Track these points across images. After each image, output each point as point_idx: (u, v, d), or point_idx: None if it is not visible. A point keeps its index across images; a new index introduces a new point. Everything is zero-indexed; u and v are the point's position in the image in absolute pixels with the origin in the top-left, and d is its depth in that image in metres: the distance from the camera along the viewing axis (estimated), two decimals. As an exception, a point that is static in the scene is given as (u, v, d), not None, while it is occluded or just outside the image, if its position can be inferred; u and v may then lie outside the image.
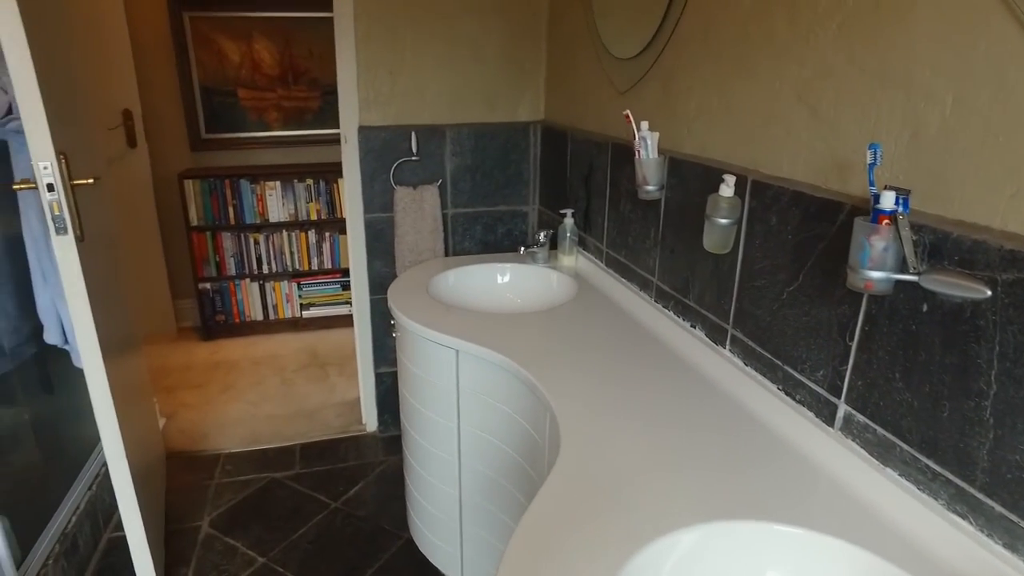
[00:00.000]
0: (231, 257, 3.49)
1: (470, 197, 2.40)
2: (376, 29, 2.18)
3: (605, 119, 1.84)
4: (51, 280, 1.73)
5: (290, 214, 3.49)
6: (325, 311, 3.68)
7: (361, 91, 2.22)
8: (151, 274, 3.49)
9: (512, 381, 1.38)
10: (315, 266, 3.61)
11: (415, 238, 2.30)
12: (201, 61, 3.45)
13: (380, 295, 2.44)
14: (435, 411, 1.61)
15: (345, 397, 2.94)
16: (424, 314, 1.59)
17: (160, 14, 3.35)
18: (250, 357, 3.37)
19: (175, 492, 2.33)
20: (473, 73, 2.30)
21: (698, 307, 1.39)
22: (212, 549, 2.06)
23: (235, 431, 2.69)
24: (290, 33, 3.50)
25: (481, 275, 2.00)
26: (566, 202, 2.13)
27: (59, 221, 1.35)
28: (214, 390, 3.03)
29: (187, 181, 3.34)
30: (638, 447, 1.05)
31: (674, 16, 1.42)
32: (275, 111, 3.59)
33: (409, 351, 1.64)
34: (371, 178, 2.29)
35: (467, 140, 2.34)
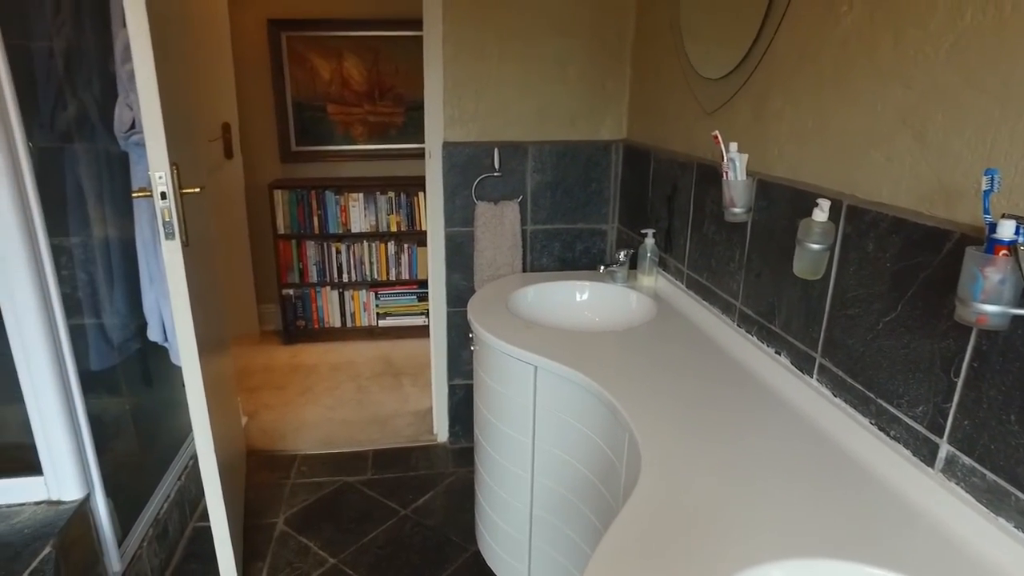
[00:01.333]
0: (314, 265, 3.63)
1: (550, 214, 2.41)
2: (463, 49, 2.24)
3: (691, 139, 1.82)
4: (156, 281, 1.84)
5: (371, 225, 3.60)
6: (400, 321, 3.77)
7: (447, 108, 2.28)
8: (239, 278, 3.66)
9: (590, 400, 1.37)
10: (393, 277, 3.70)
11: (494, 253, 2.33)
12: (295, 78, 3.62)
13: (457, 308, 2.48)
14: (510, 426, 1.62)
15: (417, 407, 2.99)
16: (504, 329, 1.61)
17: (260, 34, 3.54)
18: (328, 362, 3.48)
19: (254, 488, 2.42)
20: (557, 92, 2.32)
21: (784, 333, 1.35)
22: (286, 546, 2.12)
23: (311, 433, 2.78)
24: (378, 51, 3.63)
25: (560, 292, 2.00)
26: (647, 222, 2.11)
27: (168, 227, 1.44)
28: (293, 392, 3.14)
29: (277, 191, 3.50)
30: (721, 475, 1.02)
31: (767, 37, 1.40)
32: (361, 126, 3.72)
33: (487, 365, 1.66)
34: (453, 193, 2.34)
35: (549, 157, 2.36)
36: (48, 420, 1.49)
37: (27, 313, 1.41)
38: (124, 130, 1.70)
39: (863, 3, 1.10)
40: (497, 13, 2.21)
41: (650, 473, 1.03)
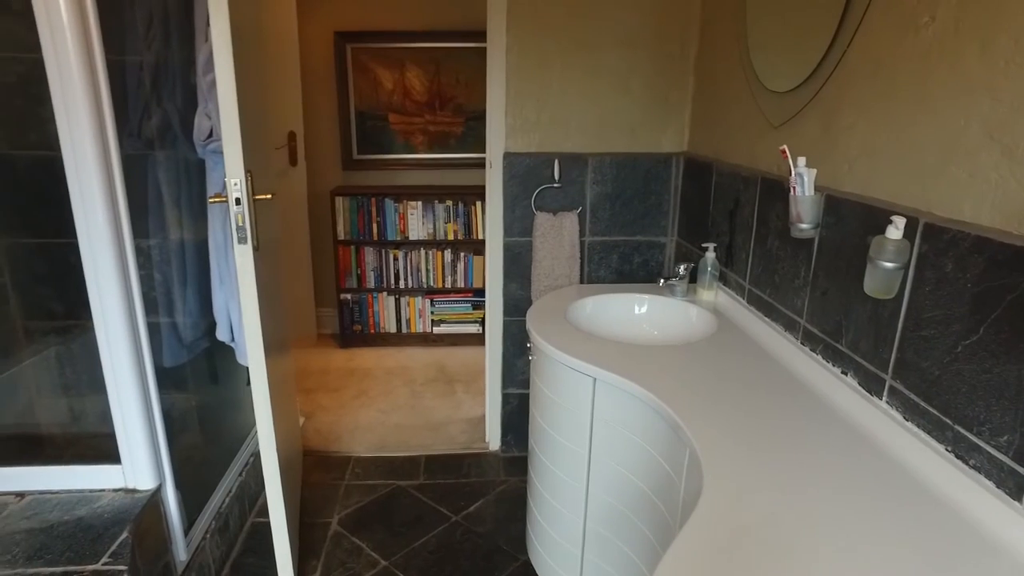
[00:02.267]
0: (372, 271, 3.71)
1: (608, 226, 2.40)
2: (526, 60, 2.26)
3: (754, 153, 1.79)
4: (226, 283, 1.91)
5: (429, 233, 3.65)
6: (455, 328, 3.81)
7: (509, 119, 2.30)
8: (299, 282, 3.76)
9: (649, 414, 1.36)
10: (448, 284, 3.75)
11: (552, 263, 2.34)
12: (358, 88, 3.72)
13: (513, 317, 2.50)
14: (566, 436, 1.61)
15: (470, 414, 3.01)
16: (563, 340, 1.61)
17: (327, 46, 3.65)
18: (382, 367, 3.54)
19: (309, 488, 2.48)
20: (618, 104, 2.32)
21: (851, 353, 1.31)
22: (340, 546, 2.16)
23: (365, 436, 2.83)
24: (440, 62, 3.69)
25: (619, 305, 1.99)
26: (707, 236, 2.08)
27: (241, 231, 1.50)
28: (348, 395, 3.21)
29: (338, 198, 3.59)
30: (785, 497, 1.00)
31: (839, 49, 1.37)
32: (421, 135, 3.79)
33: (545, 375, 1.67)
34: (513, 203, 2.36)
35: (609, 169, 2.36)
36: (127, 413, 1.56)
37: (113, 311, 1.49)
38: (203, 138, 1.78)
39: (947, 13, 1.07)
40: (561, 24, 2.23)
41: (712, 492, 1.01)
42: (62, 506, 1.56)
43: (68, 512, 1.53)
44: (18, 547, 1.41)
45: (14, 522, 1.50)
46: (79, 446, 2.27)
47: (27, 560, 1.38)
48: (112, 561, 1.39)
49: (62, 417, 2.49)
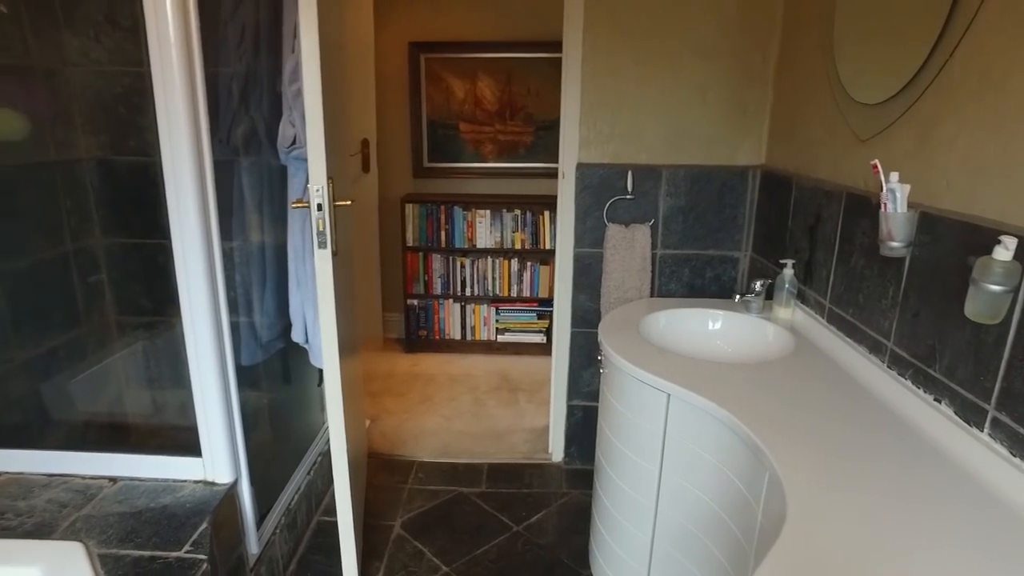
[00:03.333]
0: (439, 278, 3.75)
1: (681, 239, 2.36)
2: (602, 71, 2.25)
3: (839, 167, 1.73)
4: (303, 286, 1.97)
5: (496, 242, 3.67)
6: (519, 337, 3.81)
7: (583, 129, 2.29)
8: (368, 286, 3.84)
9: (726, 434, 1.32)
10: (514, 293, 3.76)
11: (622, 276, 2.31)
12: (430, 97, 3.78)
13: (582, 328, 2.48)
14: (636, 452, 1.59)
15: (533, 424, 3.00)
16: (636, 354, 1.58)
17: (401, 56, 3.73)
18: (447, 373, 3.58)
19: (373, 490, 2.52)
20: (694, 115, 2.28)
21: (946, 380, 1.24)
22: (402, 549, 2.19)
23: (429, 442, 2.85)
24: (511, 72, 3.72)
25: (692, 320, 1.95)
26: (785, 252, 2.02)
27: (322, 236, 1.54)
28: (413, 400, 3.25)
29: (408, 205, 3.66)
30: (874, 532, 0.95)
31: (941, 57, 1.30)
32: (491, 144, 3.82)
33: (616, 389, 1.64)
34: (585, 214, 2.35)
35: (683, 182, 2.31)
36: (209, 408, 1.62)
37: (200, 310, 1.55)
38: (286, 145, 1.84)
39: (1066, 25, 1.00)
40: (638, 36, 2.21)
41: (797, 521, 0.97)
42: (149, 493, 1.63)
43: (154, 499, 1.60)
44: (112, 529, 1.49)
45: (108, 505, 1.57)
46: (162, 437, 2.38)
47: (120, 542, 1.45)
48: (193, 550, 1.44)
49: (146, 408, 2.62)
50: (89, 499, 1.61)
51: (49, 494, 1.62)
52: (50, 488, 1.65)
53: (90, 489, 1.65)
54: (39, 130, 2.19)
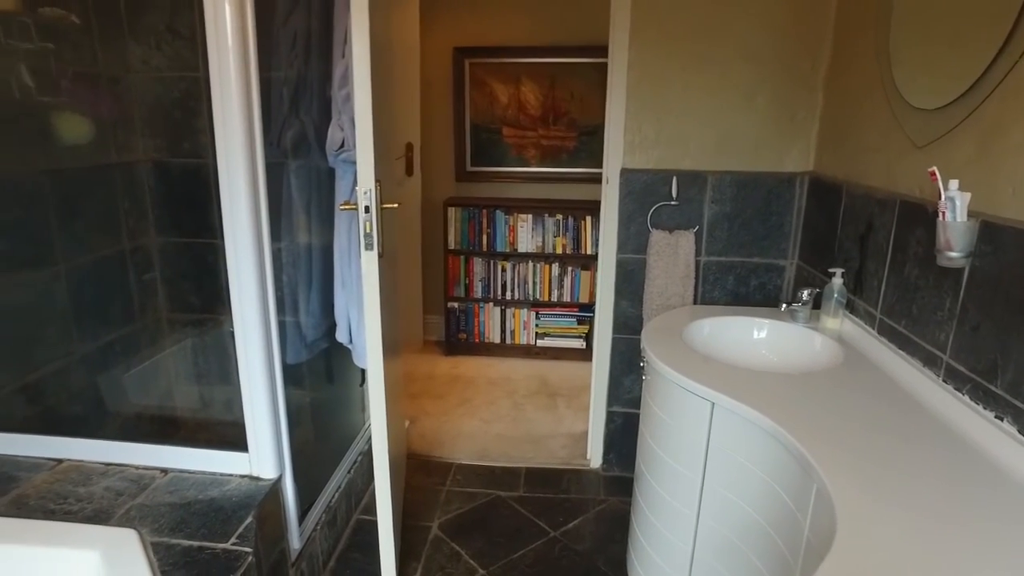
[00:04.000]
0: (479, 281, 3.78)
1: (725, 246, 2.33)
2: (647, 76, 2.24)
3: (892, 174, 1.68)
4: (348, 287, 2.00)
5: (537, 246, 3.68)
6: (558, 342, 3.81)
7: (627, 135, 2.28)
8: (409, 288, 3.88)
9: (772, 445, 1.30)
10: (555, 298, 3.75)
11: (665, 282, 2.30)
12: (474, 101, 3.81)
13: (623, 335, 2.46)
14: (679, 460, 1.57)
15: (572, 429, 3.00)
16: (680, 361, 1.57)
17: (446, 61, 3.77)
18: (485, 376, 3.59)
19: (411, 490, 2.54)
20: (740, 121, 2.25)
21: (1009, 397, 1.19)
22: (439, 550, 2.20)
23: (467, 444, 2.87)
24: (555, 77, 3.72)
25: (737, 328, 1.92)
26: (833, 261, 1.97)
27: (368, 238, 1.57)
28: (452, 402, 3.27)
29: (450, 208, 3.69)
30: (928, 551, 0.92)
31: (1008, 62, 1.26)
32: (534, 148, 3.83)
33: (659, 396, 1.63)
34: (628, 219, 2.34)
35: (728, 188, 2.29)
36: (256, 405, 1.67)
37: (250, 309, 1.59)
38: (335, 148, 1.88)
39: None
40: (684, 41, 2.19)
41: (847, 539, 0.95)
42: (197, 486, 1.67)
43: (202, 492, 1.65)
44: (164, 518, 1.54)
45: (160, 495, 1.63)
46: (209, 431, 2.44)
47: (170, 531, 1.50)
48: (239, 543, 1.48)
49: (194, 403, 2.69)
50: (142, 488, 1.66)
51: (106, 482, 1.69)
52: (107, 476, 1.71)
53: (143, 479, 1.71)
54: (103, 133, 2.28)
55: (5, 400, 1.93)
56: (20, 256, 2.04)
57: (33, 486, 1.66)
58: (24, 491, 1.64)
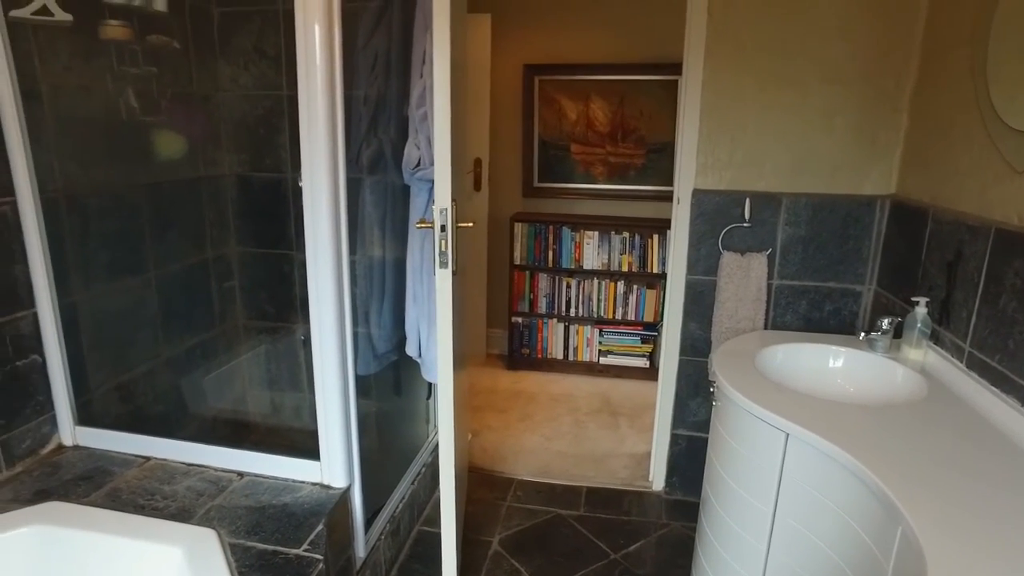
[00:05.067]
0: (544, 297, 3.79)
1: (799, 269, 2.27)
2: (722, 96, 2.21)
3: (987, 200, 1.61)
4: (419, 302, 2.05)
5: (603, 263, 3.67)
6: (621, 360, 3.78)
7: (700, 156, 2.26)
8: (474, 302, 3.93)
9: (851, 482, 1.26)
10: (619, 316, 3.73)
11: (736, 305, 2.25)
12: (543, 118, 3.84)
13: (691, 357, 2.43)
14: (748, 490, 1.53)
15: (634, 450, 2.96)
16: (752, 389, 1.54)
17: (516, 78, 3.82)
18: (547, 392, 3.59)
19: (473, 504, 2.56)
20: (818, 143, 2.20)
21: (1113, 442, 1.12)
22: (499, 566, 2.21)
23: (529, 460, 2.87)
24: (624, 94, 3.72)
25: (812, 356, 1.87)
26: (917, 289, 1.90)
27: (443, 257, 1.60)
28: (514, 417, 3.28)
29: (517, 224, 3.73)
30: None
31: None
32: (601, 165, 3.83)
33: (729, 423, 1.60)
34: (699, 240, 2.31)
35: (803, 210, 2.23)
36: (330, 415, 1.72)
37: (328, 321, 1.65)
38: (411, 167, 1.93)
39: None
40: (761, 60, 2.16)
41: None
42: (271, 491, 1.74)
43: (276, 497, 1.71)
44: (240, 520, 1.60)
45: (237, 498, 1.70)
46: (281, 436, 2.53)
47: (247, 534, 1.56)
48: (311, 549, 1.53)
49: (267, 408, 2.80)
50: (221, 490, 1.74)
51: (188, 482, 1.77)
52: (189, 476, 1.80)
53: (221, 481, 1.78)
54: (193, 149, 2.41)
55: (102, 398, 2.06)
56: (120, 264, 2.17)
57: (125, 481, 1.76)
58: (117, 485, 1.74)
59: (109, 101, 2.06)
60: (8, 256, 1.73)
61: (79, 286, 1.97)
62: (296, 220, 2.62)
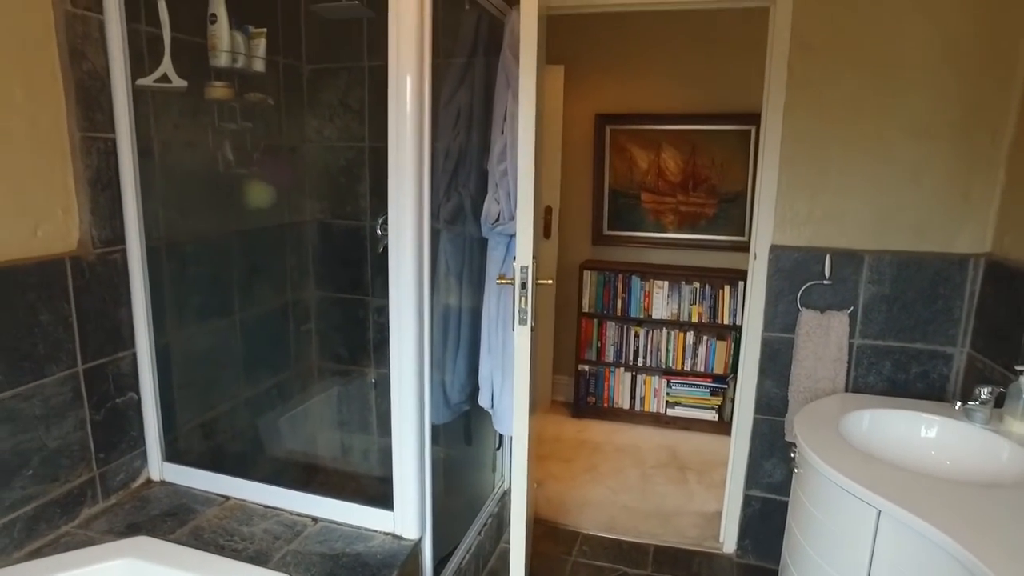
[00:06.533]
0: (611, 345, 3.76)
1: (883, 329, 2.19)
2: (802, 151, 2.18)
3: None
4: (494, 354, 2.07)
5: (672, 313, 3.62)
6: (689, 412, 3.69)
7: (778, 211, 2.23)
8: (541, 348, 3.93)
9: (955, 569, 1.18)
10: (688, 367, 3.66)
11: (814, 364, 2.18)
12: (614, 167, 3.87)
13: (765, 415, 2.35)
14: (834, 565, 1.46)
15: (703, 508, 2.87)
16: (838, 457, 1.48)
17: (588, 127, 3.87)
18: (613, 443, 3.53)
19: (538, 557, 2.52)
20: (904, 199, 2.13)
21: None
22: (565, 624, 2.16)
23: (594, 514, 2.82)
24: (696, 144, 3.71)
25: (901, 423, 1.79)
26: (1019, 356, 1.80)
27: (523, 313, 1.62)
28: (579, 468, 3.24)
29: (586, 271, 3.73)
30: None
31: None
32: (672, 214, 3.81)
33: (812, 492, 1.54)
34: (776, 297, 2.26)
35: (888, 268, 2.16)
36: (405, 466, 1.74)
37: (408, 370, 1.68)
38: (490, 221, 1.97)
39: None
40: (844, 114, 2.13)
41: None
42: (344, 538, 1.76)
43: (349, 545, 1.73)
44: (315, 567, 1.63)
45: (311, 544, 1.73)
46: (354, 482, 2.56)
47: (321, 582, 1.58)
48: (383, 602, 1.53)
49: (336, 450, 2.85)
50: (296, 535, 1.77)
51: (265, 524, 1.81)
52: (266, 519, 1.84)
53: (296, 525, 1.82)
54: (280, 197, 2.53)
55: (186, 435, 2.14)
56: (209, 307, 2.28)
57: (207, 519, 1.82)
58: (199, 523, 1.80)
59: (209, 155, 2.19)
60: (116, 300, 1.85)
61: (172, 328, 2.08)
62: (372, 266, 2.70)
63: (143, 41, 1.81)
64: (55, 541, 1.68)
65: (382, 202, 2.57)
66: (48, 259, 1.64)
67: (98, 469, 1.84)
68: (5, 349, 1.54)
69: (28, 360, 1.60)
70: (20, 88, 1.54)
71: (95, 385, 1.80)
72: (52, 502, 1.70)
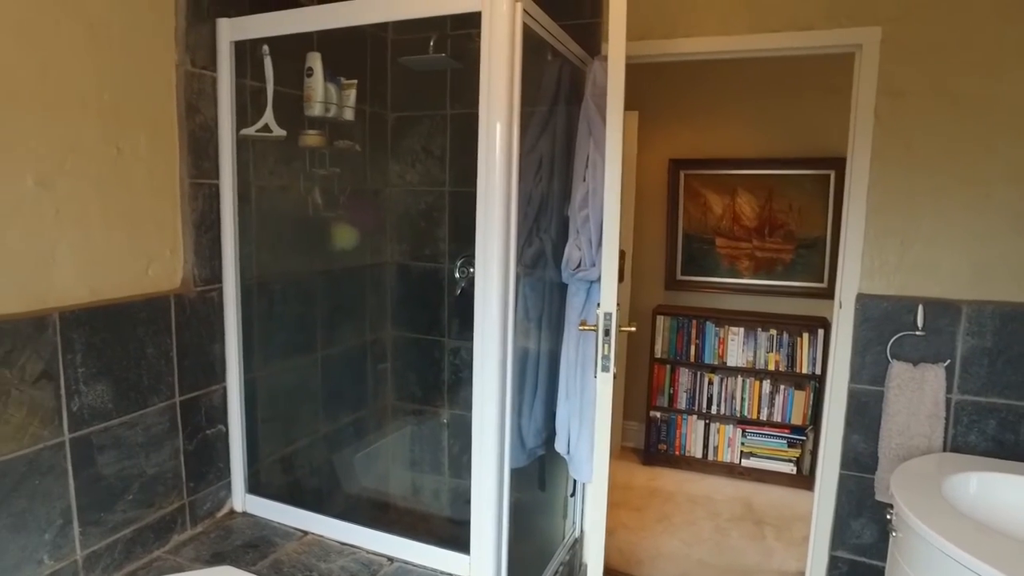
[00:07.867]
0: (684, 392, 3.68)
1: (985, 384, 2.07)
2: (891, 198, 2.12)
3: None
4: (572, 399, 2.06)
5: (748, 361, 3.53)
6: (765, 464, 3.55)
7: (865, 259, 2.16)
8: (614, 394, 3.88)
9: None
10: (763, 416, 3.54)
11: (908, 420, 2.08)
12: (687, 211, 3.84)
13: (852, 472, 2.25)
14: (942, 642, 1.37)
15: (783, 567, 2.73)
16: (946, 525, 1.39)
17: (661, 172, 3.87)
18: (685, 492, 3.43)
19: (610, 610, 2.45)
20: (1006, 247, 2.04)
21: None
22: None
23: (667, 568, 2.73)
24: (773, 188, 3.65)
25: (1016, 489, 1.67)
26: None
27: (606, 361, 1.61)
28: (650, 517, 3.15)
29: (659, 316, 3.68)
30: None
31: None
32: (747, 260, 3.74)
33: (916, 561, 1.45)
34: (864, 348, 2.17)
35: (989, 320, 2.05)
36: (484, 510, 1.73)
37: (490, 412, 1.68)
38: (572, 267, 1.98)
39: None
40: (937, 159, 2.06)
41: None
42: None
43: (423, 587, 1.73)
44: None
45: (387, 585, 1.74)
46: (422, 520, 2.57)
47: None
48: (462, 649, 1.51)
49: (407, 489, 2.87)
50: (373, 574, 1.78)
51: (342, 561, 1.83)
52: (343, 556, 1.86)
53: (372, 564, 1.83)
54: (363, 239, 2.62)
55: (267, 469, 2.20)
56: (294, 344, 2.36)
57: (286, 553, 1.85)
58: (279, 556, 1.83)
59: (299, 199, 2.30)
60: (211, 335, 1.94)
61: (258, 363, 2.16)
62: (448, 308, 2.74)
63: (247, 94, 1.94)
64: (148, 564, 1.74)
65: (460, 245, 2.65)
66: (156, 296, 1.75)
67: (188, 497, 1.90)
68: (117, 379, 1.64)
69: (134, 391, 1.69)
70: (144, 139, 1.67)
71: (189, 416, 1.88)
72: (147, 527, 1.77)
